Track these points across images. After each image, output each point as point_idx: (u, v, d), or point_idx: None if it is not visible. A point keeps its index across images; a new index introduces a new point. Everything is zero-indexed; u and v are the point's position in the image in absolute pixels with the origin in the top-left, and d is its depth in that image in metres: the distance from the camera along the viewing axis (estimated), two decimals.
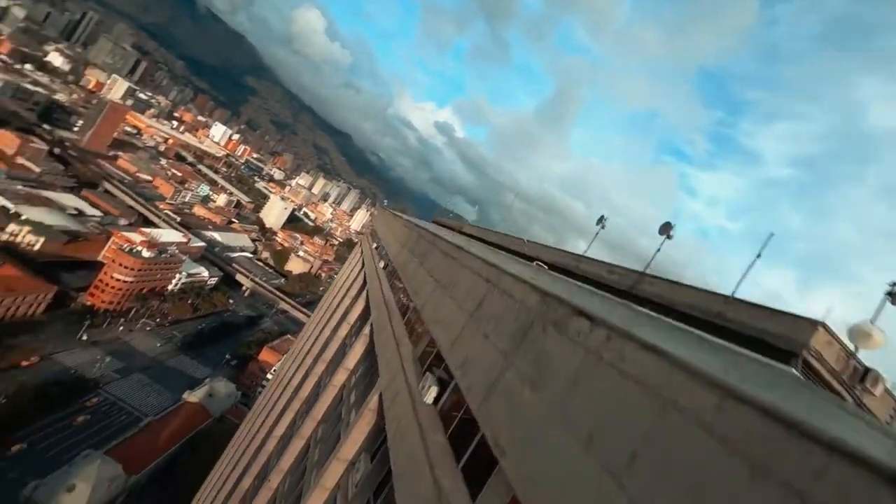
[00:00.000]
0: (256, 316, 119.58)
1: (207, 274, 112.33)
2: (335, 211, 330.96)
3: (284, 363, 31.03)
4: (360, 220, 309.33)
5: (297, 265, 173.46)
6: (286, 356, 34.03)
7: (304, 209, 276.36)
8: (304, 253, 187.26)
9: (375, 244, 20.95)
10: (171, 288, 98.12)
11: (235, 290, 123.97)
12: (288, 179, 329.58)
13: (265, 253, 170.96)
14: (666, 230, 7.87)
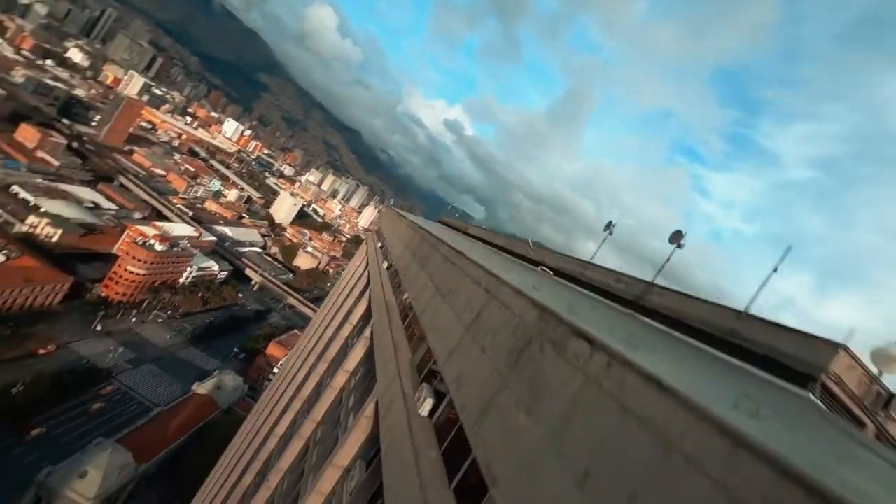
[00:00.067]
0: (264, 310, 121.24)
1: (217, 268, 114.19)
2: (344, 207, 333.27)
3: (289, 359, 31.26)
4: (368, 216, 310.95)
5: (305, 261, 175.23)
6: (291, 352, 34.30)
7: (313, 205, 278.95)
8: (312, 249, 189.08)
9: (380, 243, 20.85)
10: (182, 281, 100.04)
11: (245, 284, 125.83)
12: (298, 175, 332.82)
13: (274, 248, 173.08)
14: (676, 239, 7.54)
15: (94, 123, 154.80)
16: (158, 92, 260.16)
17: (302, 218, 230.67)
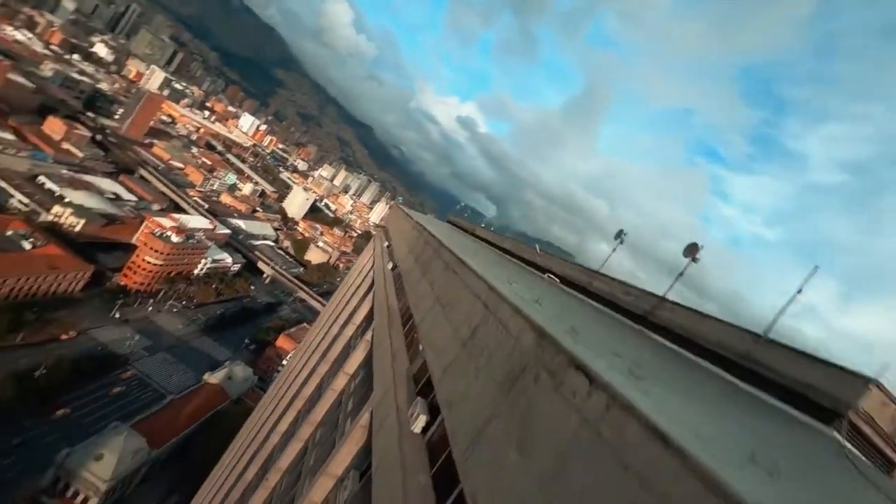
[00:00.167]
0: (275, 303, 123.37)
1: (231, 260, 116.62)
2: (355, 203, 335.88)
3: (295, 354, 31.55)
4: (379, 212, 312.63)
5: (316, 255, 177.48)
6: (298, 347, 34.62)
7: (325, 200, 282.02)
8: (323, 244, 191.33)
9: (387, 243, 20.69)
10: (196, 272, 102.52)
11: (257, 276, 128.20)
12: (311, 170, 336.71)
13: (286, 242, 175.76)
14: (691, 252, 7.09)
15: (116, 117, 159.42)
16: (178, 86, 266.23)
17: (314, 212, 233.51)
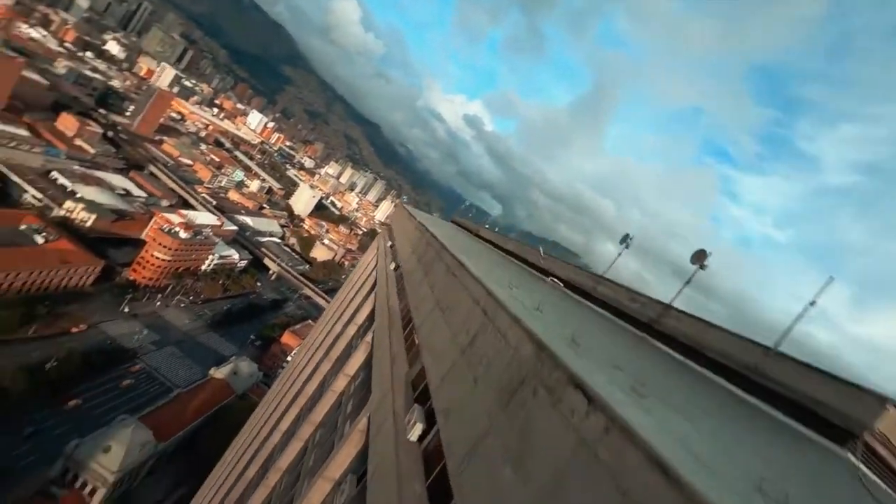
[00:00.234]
0: (281, 300, 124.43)
1: (238, 256, 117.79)
2: (361, 201, 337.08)
3: (299, 351, 31.71)
4: (384, 210, 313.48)
5: (321, 252, 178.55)
6: (301, 344, 34.78)
7: (331, 198, 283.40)
8: (328, 241, 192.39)
9: (390, 242, 20.61)
10: (204, 268, 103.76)
11: (263, 273, 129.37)
12: (318, 168, 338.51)
13: (292, 239, 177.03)
14: (699, 259, 6.89)
15: (127, 113, 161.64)
16: (188, 84, 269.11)
17: (320, 210, 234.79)
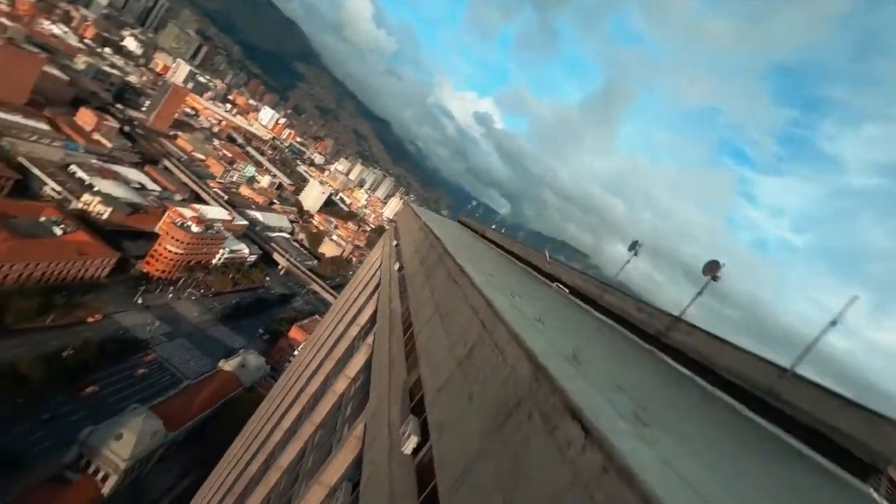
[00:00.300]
0: (289, 294, 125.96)
1: (248, 251, 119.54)
2: (370, 197, 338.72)
3: (305, 347, 31.96)
4: (393, 207, 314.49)
5: (329, 248, 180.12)
6: (307, 340, 35.07)
7: (340, 194, 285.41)
8: (337, 237, 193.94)
9: (396, 241, 20.53)
10: (214, 262, 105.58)
11: (272, 268, 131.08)
12: (327, 164, 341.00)
13: (301, 234, 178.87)
14: (712, 270, 6.60)
15: (143, 109, 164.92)
16: (202, 80, 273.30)
17: (329, 206, 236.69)
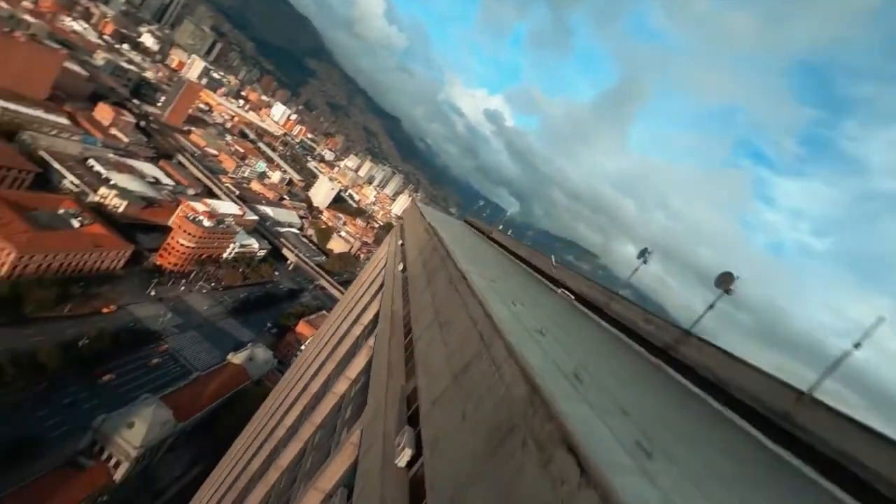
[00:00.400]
0: (297, 289, 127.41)
1: (258, 246, 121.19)
2: (378, 194, 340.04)
3: (311, 343, 32.20)
4: (401, 204, 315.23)
5: (338, 244, 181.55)
6: (314, 335, 35.35)
7: (349, 190, 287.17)
8: (345, 233, 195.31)
9: (401, 241, 20.40)
10: (225, 256, 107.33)
11: (281, 263, 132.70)
12: (337, 160, 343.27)
13: (310, 230, 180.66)
14: (726, 283, 6.31)
15: (159, 104, 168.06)
16: (216, 76, 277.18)
17: (338, 202, 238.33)
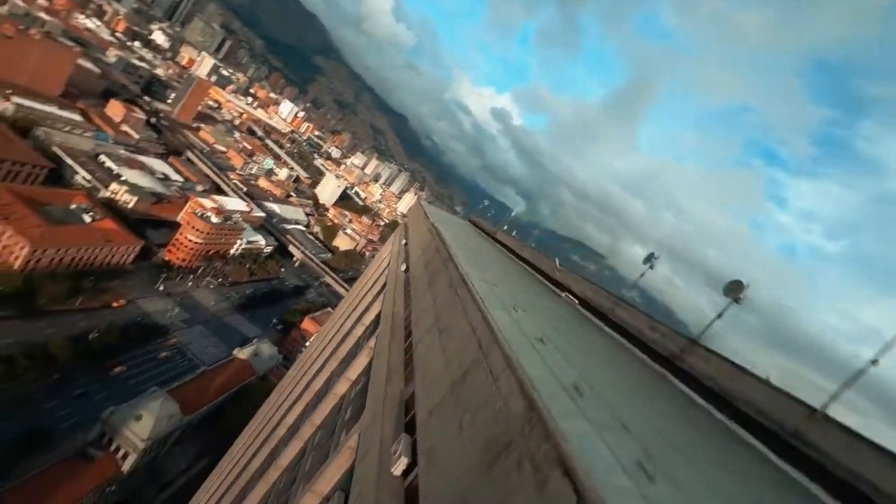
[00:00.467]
0: (303, 286, 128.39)
1: (264, 242, 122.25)
2: (384, 192, 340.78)
3: (315, 340, 32.34)
4: (407, 202, 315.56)
5: (343, 242, 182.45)
6: (317, 333, 35.50)
7: (355, 188, 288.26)
8: (351, 231, 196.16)
9: (405, 240, 20.31)
10: (232, 252, 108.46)
11: (287, 259, 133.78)
12: (344, 158, 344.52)
13: (316, 227, 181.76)
14: (735, 292, 6.09)
15: (169, 101, 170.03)
16: (225, 73, 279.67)
17: (344, 200, 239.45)
